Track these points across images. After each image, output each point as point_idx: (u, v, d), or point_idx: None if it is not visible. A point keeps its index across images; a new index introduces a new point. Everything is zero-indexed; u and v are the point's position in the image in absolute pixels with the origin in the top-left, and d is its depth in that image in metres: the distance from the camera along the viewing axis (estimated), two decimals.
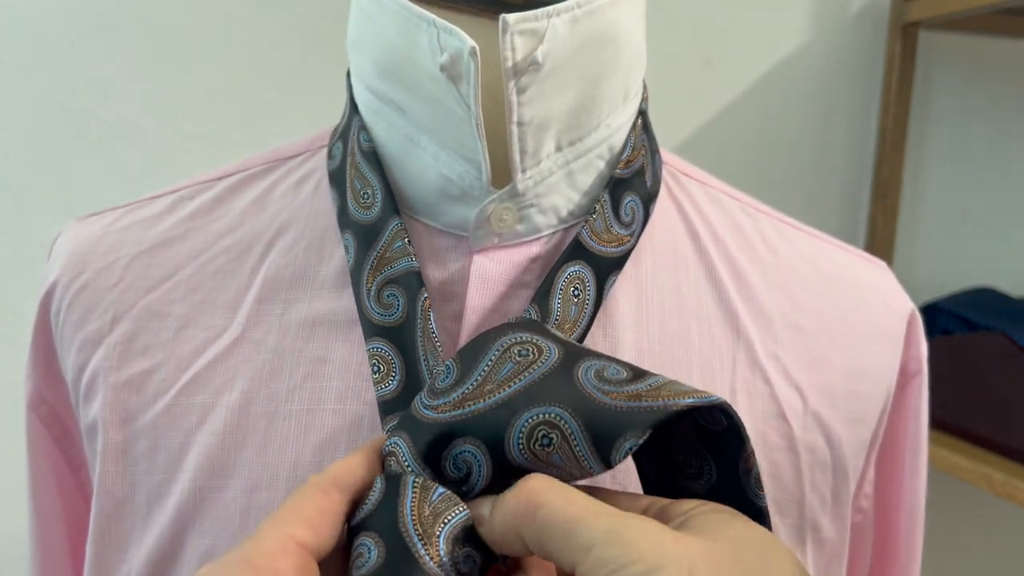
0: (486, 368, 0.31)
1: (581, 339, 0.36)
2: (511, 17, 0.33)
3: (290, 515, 0.26)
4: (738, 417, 0.29)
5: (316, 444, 0.36)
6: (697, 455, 0.31)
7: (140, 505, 0.38)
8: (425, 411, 0.30)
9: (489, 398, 0.29)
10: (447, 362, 0.32)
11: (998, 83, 1.11)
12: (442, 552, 0.27)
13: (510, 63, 0.34)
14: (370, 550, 0.27)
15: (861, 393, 0.42)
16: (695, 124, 1.04)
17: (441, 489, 0.29)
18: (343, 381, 0.37)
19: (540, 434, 0.28)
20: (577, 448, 0.27)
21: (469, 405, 0.29)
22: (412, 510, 0.28)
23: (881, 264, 0.47)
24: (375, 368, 0.35)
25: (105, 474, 0.38)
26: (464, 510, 0.28)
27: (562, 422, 0.28)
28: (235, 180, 0.43)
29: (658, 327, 0.39)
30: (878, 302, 0.44)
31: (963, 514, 1.15)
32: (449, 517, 0.28)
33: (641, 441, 0.27)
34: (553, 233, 0.39)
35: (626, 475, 0.36)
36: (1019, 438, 0.89)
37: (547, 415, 0.28)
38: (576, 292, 0.36)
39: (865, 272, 0.45)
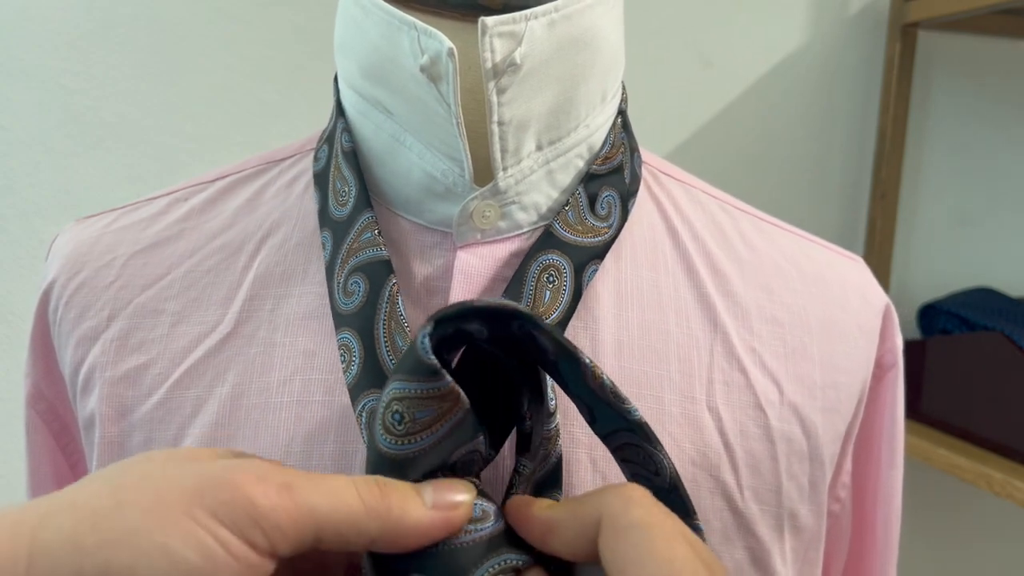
0: None
1: (562, 325, 0.37)
2: (490, 20, 0.34)
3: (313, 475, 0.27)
4: (546, 326, 0.29)
5: (306, 434, 0.37)
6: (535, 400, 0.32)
7: None
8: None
9: None
10: None
11: (998, 83, 1.11)
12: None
13: (489, 64, 0.35)
14: None
15: (837, 384, 0.42)
16: (695, 125, 1.04)
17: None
18: (332, 374, 0.37)
19: (388, 414, 0.29)
20: (409, 390, 0.28)
21: None
22: None
23: (858, 259, 0.48)
24: (342, 358, 0.36)
25: (102, 467, 0.39)
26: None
27: (389, 388, 0.29)
28: (229, 181, 0.44)
29: (637, 320, 0.40)
30: (855, 296, 0.45)
31: (963, 514, 1.15)
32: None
33: (428, 328, 0.28)
34: (534, 229, 0.40)
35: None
36: (1019, 438, 0.89)
37: (381, 399, 0.29)
38: (551, 279, 0.37)
39: (842, 267, 0.46)
